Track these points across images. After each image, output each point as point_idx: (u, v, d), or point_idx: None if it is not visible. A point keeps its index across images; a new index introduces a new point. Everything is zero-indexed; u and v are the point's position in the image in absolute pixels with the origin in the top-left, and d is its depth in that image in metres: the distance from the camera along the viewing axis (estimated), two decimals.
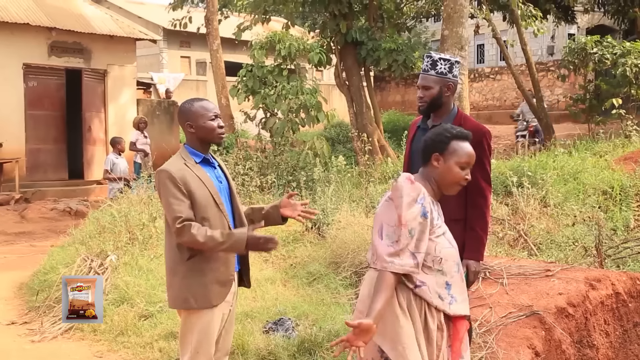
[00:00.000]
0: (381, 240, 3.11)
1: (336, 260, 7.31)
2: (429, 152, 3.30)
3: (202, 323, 3.65)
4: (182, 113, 3.77)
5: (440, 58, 4.14)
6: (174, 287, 3.67)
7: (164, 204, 3.62)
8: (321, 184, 9.65)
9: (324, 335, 5.25)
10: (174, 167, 3.63)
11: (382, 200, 3.25)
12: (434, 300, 3.18)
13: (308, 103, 13.85)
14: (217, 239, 3.54)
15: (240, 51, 19.50)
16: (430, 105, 4.17)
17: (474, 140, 4.05)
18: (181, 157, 3.71)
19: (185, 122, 3.74)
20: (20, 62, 15.94)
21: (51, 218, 13.90)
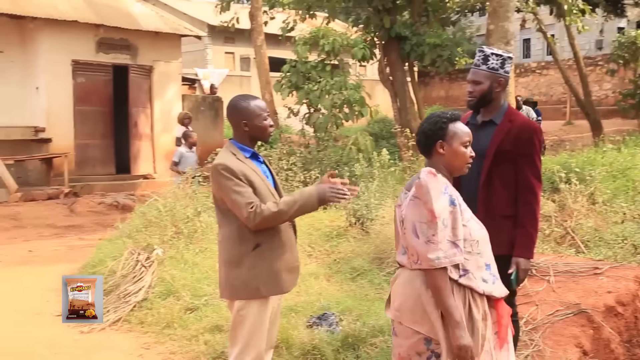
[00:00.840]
0: (418, 239, 3.09)
1: (380, 256, 7.30)
2: (431, 142, 3.30)
3: (255, 315, 3.69)
4: (237, 110, 3.79)
5: (492, 53, 4.08)
6: (240, 278, 3.68)
7: (227, 196, 3.61)
8: (364, 179, 9.63)
9: (368, 331, 5.25)
10: (230, 160, 3.66)
11: (406, 200, 3.22)
12: (480, 285, 3.17)
13: (351, 98, 13.84)
14: (289, 201, 3.59)
15: (284, 47, 19.54)
16: (480, 100, 4.11)
17: (525, 137, 4.02)
18: (231, 152, 3.74)
19: (241, 120, 3.77)
20: (69, 59, 16.23)
21: (99, 212, 14.14)
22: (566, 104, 27.69)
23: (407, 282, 3.22)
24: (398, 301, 3.27)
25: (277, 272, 3.70)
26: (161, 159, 17.94)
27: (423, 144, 3.34)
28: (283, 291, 3.75)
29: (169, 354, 5.60)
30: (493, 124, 4.10)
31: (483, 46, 4.26)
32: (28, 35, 15.95)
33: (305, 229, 8.54)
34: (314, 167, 11.33)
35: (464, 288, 3.15)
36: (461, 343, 3.02)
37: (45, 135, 15.93)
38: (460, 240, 3.11)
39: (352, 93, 13.91)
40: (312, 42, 15.19)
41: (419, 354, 3.18)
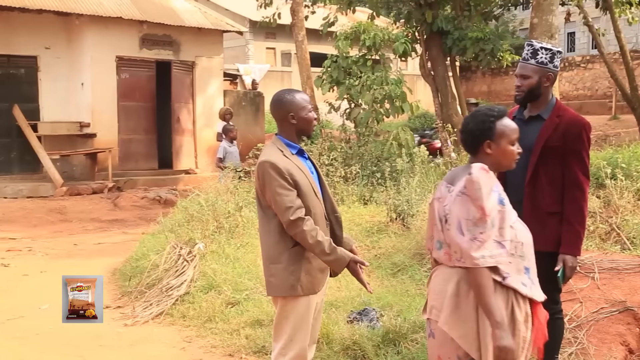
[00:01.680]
0: (462, 237, 3.03)
1: (421, 252, 7.26)
2: (478, 143, 3.23)
3: (300, 311, 3.70)
4: (283, 104, 3.78)
5: (542, 47, 4.02)
6: (277, 275, 3.69)
7: (272, 195, 3.61)
8: (405, 174, 9.59)
9: (409, 327, 5.22)
10: (277, 158, 3.66)
11: (450, 195, 3.16)
12: (522, 288, 3.12)
13: (392, 93, 13.76)
14: (324, 248, 3.60)
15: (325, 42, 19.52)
16: (528, 95, 4.05)
17: (573, 132, 3.94)
18: (277, 148, 3.73)
19: (288, 113, 3.76)
20: (113, 55, 16.45)
21: (142, 206, 14.32)
22: (612, 98, 27.20)
23: (445, 280, 3.17)
24: (435, 300, 3.22)
25: (311, 271, 3.71)
26: (203, 154, 18.09)
27: (470, 143, 3.28)
28: (315, 291, 3.74)
29: (210, 347, 5.66)
30: (540, 119, 4.05)
31: (532, 40, 4.19)
32: (74, 32, 16.21)
33: (346, 225, 8.51)
34: (354, 162, 11.30)
35: (507, 289, 3.09)
36: (502, 344, 2.95)
37: (90, 131, 16.18)
38: (507, 242, 3.06)
39: (393, 88, 13.83)
40: (353, 37, 15.14)
41: (459, 357, 3.12)
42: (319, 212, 3.75)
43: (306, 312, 3.73)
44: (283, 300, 3.72)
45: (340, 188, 10.03)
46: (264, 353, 5.32)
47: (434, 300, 3.22)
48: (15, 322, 6.44)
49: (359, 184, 10.49)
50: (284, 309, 3.73)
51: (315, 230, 3.59)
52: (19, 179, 15.38)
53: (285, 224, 3.59)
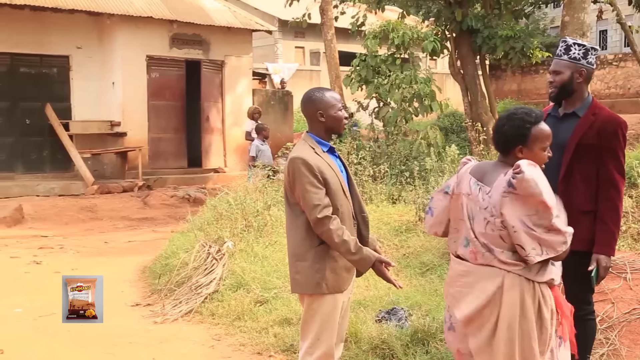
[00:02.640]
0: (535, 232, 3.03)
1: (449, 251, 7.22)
2: (511, 146, 3.23)
3: (326, 310, 3.70)
4: (313, 102, 3.81)
5: (575, 43, 4.00)
6: (303, 272, 3.70)
7: (301, 191, 3.63)
8: (434, 173, 9.54)
9: (438, 326, 5.20)
10: (309, 155, 3.68)
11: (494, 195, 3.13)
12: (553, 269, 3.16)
13: (421, 92, 13.72)
14: (349, 247, 3.59)
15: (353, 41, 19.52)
16: (560, 91, 4.02)
17: (609, 130, 3.90)
18: (309, 146, 3.75)
19: (317, 111, 3.78)
20: (143, 54, 16.58)
21: (171, 205, 14.42)
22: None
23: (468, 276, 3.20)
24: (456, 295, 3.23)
25: (337, 270, 3.71)
26: (231, 152, 18.17)
27: (502, 145, 3.28)
28: (341, 290, 3.74)
29: (239, 345, 5.68)
30: (576, 116, 4.01)
31: (566, 37, 4.16)
32: (105, 31, 16.37)
33: (374, 224, 8.51)
34: (383, 161, 11.26)
35: (534, 286, 3.10)
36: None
37: (121, 129, 16.33)
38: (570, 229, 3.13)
39: (422, 87, 13.79)
40: (382, 35, 15.12)
41: None
42: (347, 211, 3.75)
43: (333, 310, 3.73)
44: (309, 299, 3.73)
45: (368, 187, 10.01)
46: (292, 352, 5.33)
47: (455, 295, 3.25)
48: (47, 319, 6.52)
49: (387, 183, 10.45)
50: (310, 307, 3.73)
51: (342, 229, 3.59)
52: (51, 177, 15.57)
53: (312, 222, 3.60)
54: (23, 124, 15.61)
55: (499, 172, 3.15)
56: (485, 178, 3.20)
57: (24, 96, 15.63)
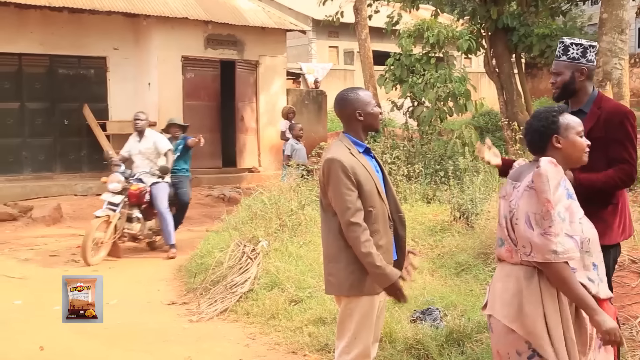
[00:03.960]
0: (532, 231, 2.99)
1: (485, 251, 7.19)
2: (546, 138, 3.20)
3: (363, 310, 3.70)
4: (350, 101, 3.81)
5: (572, 43, 4.05)
6: (338, 274, 3.71)
7: (334, 192, 3.64)
8: (469, 173, 9.49)
9: (473, 327, 5.18)
10: (344, 156, 3.67)
11: (517, 191, 3.13)
12: (589, 284, 3.08)
13: (456, 91, 13.64)
14: (373, 261, 3.59)
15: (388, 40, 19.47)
16: (563, 91, 4.09)
17: (615, 121, 3.93)
18: (345, 146, 3.74)
19: (355, 110, 3.79)
20: (179, 55, 16.71)
21: (206, 204, 14.53)
22: None
23: (507, 276, 3.16)
24: (496, 296, 3.20)
25: None
26: (266, 152, 18.23)
27: (537, 141, 3.24)
28: (376, 291, 3.72)
29: (273, 344, 5.71)
30: (582, 113, 4.03)
31: (563, 37, 4.20)
32: (141, 32, 16.54)
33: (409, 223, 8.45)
34: (417, 160, 11.24)
35: None
36: (606, 327, 2.93)
37: (157, 129, 16.46)
38: (577, 236, 3.02)
39: (457, 86, 13.71)
40: (416, 34, 15.06)
41: (519, 353, 3.09)
42: (382, 212, 3.74)
43: (369, 311, 3.73)
44: (346, 299, 3.73)
45: (403, 187, 9.99)
46: (327, 351, 5.34)
47: (494, 296, 3.22)
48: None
49: (422, 183, 10.43)
50: (347, 308, 3.73)
51: (370, 241, 3.59)
52: (89, 177, 15.76)
53: (343, 224, 3.62)
54: (61, 124, 15.82)
55: (533, 169, 3.13)
56: (520, 177, 3.19)
57: (62, 97, 15.85)
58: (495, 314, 3.16)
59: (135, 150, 9.72)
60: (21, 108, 15.48)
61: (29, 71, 15.50)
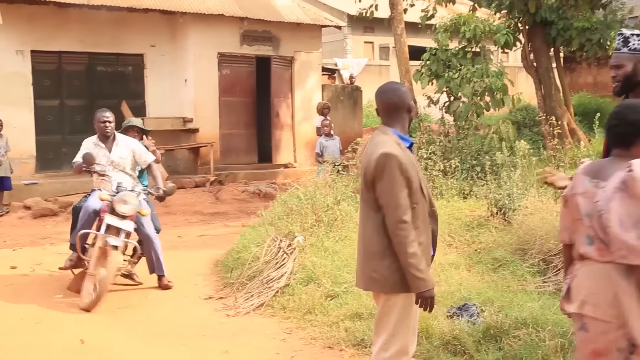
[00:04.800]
0: (628, 234, 2.97)
1: (523, 247, 7.12)
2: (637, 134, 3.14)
3: (403, 307, 3.70)
4: (403, 94, 3.77)
5: (632, 34, 3.92)
6: (382, 271, 3.66)
7: (386, 188, 3.58)
8: (506, 168, 9.40)
9: (511, 323, 5.13)
10: (400, 152, 3.63)
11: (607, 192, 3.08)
12: None
13: (493, 86, 13.51)
14: (417, 263, 3.57)
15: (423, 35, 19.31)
16: (625, 84, 3.96)
17: None
18: (395, 142, 3.69)
19: (407, 105, 3.76)
20: (215, 52, 16.82)
21: (242, 199, 14.61)
22: None
23: (597, 275, 3.14)
24: (589, 295, 3.18)
25: None
26: (301, 148, 18.27)
27: (629, 135, 3.19)
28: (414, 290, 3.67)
29: (310, 339, 5.72)
30: None
31: (622, 29, 4.07)
32: (178, 29, 16.68)
33: (445, 219, 8.45)
34: (453, 156, 11.15)
35: None
36: None
37: (193, 126, 16.62)
38: None
39: (494, 80, 13.57)
40: (453, 29, 14.94)
41: (619, 350, 3.09)
42: (424, 209, 3.74)
43: (409, 308, 3.72)
44: (386, 296, 3.71)
45: (439, 182, 9.93)
46: (363, 346, 5.34)
47: (587, 295, 3.19)
48: (124, 311, 6.71)
49: (458, 178, 10.35)
50: (386, 305, 3.72)
51: (416, 242, 3.57)
52: None
53: (393, 221, 3.56)
54: None
55: (617, 167, 3.10)
56: (600, 174, 3.15)
57: (100, 94, 16.06)
58: (590, 313, 3.15)
59: (103, 160, 7.40)
60: (61, 105, 15.73)
61: (69, 69, 15.75)
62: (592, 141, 14.31)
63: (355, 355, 5.30)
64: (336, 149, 11.83)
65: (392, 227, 3.56)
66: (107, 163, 7.42)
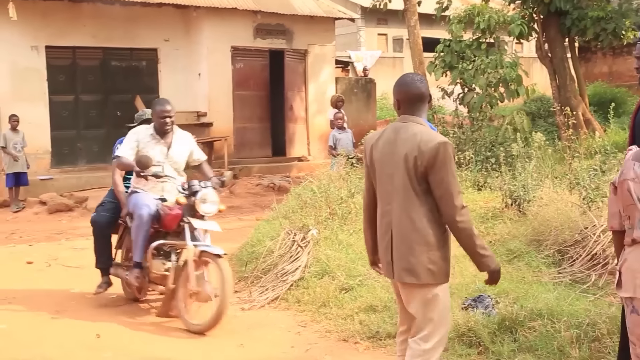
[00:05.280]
0: None
1: (538, 238, 7.09)
2: None
3: (446, 297, 3.73)
4: (426, 84, 3.77)
5: None
6: (439, 262, 3.62)
7: (447, 177, 3.53)
8: (521, 159, 9.36)
9: (526, 314, 5.12)
10: None
11: None
12: None
13: (507, 77, 13.44)
14: (484, 244, 3.64)
15: (437, 26, 19.25)
16: None
17: None
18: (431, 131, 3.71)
19: (427, 96, 3.76)
20: (228, 45, 16.83)
21: (256, 193, 14.62)
22: None
23: None
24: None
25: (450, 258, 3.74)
26: (315, 141, 18.27)
27: None
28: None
29: (324, 332, 5.73)
30: None
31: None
32: (191, 23, 16.70)
33: None
34: (468, 147, 11.11)
35: None
36: None
37: (207, 120, 16.65)
38: None
39: (508, 71, 13.51)
40: (466, 20, 14.87)
41: None
42: None
43: (448, 297, 3.78)
44: (430, 287, 3.64)
45: None
46: (378, 338, 5.35)
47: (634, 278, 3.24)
48: (132, 305, 6.75)
49: (472, 170, 10.31)
50: (431, 295, 3.66)
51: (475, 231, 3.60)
52: None
53: (456, 209, 3.53)
54: (114, 116, 16.08)
55: None
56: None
57: (115, 89, 16.13)
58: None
59: (160, 157, 6.48)
60: (75, 100, 15.81)
61: (83, 64, 15.82)
62: (608, 131, 14.22)
63: (370, 347, 5.31)
64: (349, 141, 11.80)
65: (454, 215, 3.53)
66: (164, 160, 6.44)
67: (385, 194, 3.73)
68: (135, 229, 6.17)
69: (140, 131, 6.55)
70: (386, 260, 3.76)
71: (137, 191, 6.42)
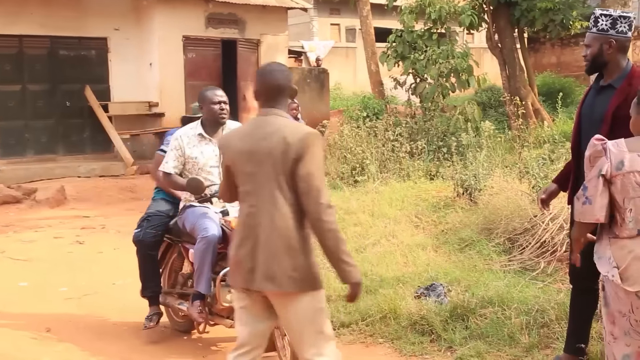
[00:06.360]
0: None
1: (489, 227, 7.20)
2: None
3: (324, 302, 3.35)
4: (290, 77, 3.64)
5: (602, 14, 3.95)
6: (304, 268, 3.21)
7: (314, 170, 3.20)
8: (472, 149, 9.48)
9: (477, 302, 5.20)
10: None
11: None
12: None
13: (459, 67, 13.60)
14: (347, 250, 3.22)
15: (389, 17, 19.34)
16: (592, 64, 4.02)
17: None
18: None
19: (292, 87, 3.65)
20: (180, 35, 16.64)
21: None
22: None
23: None
24: None
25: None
26: None
27: None
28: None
29: None
30: (612, 88, 3.96)
31: (596, 8, 4.11)
32: (142, 12, 16.46)
33: (412, 200, 8.51)
34: (420, 137, 11.23)
35: None
36: None
37: (159, 110, 16.46)
38: None
39: (460, 62, 13.67)
40: (418, 10, 14.98)
41: None
42: None
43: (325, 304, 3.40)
44: (311, 294, 3.25)
45: (406, 163, 9.99)
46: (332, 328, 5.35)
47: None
48: (90, 297, 6.66)
49: (425, 159, 10.42)
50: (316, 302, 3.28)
51: (339, 230, 3.21)
52: (92, 158, 15.78)
53: (322, 207, 3.13)
54: (63, 106, 15.79)
55: None
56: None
57: (63, 78, 15.81)
58: None
59: (212, 161, 5.40)
60: (22, 90, 15.45)
61: (30, 53, 15.45)
62: (556, 120, 14.49)
63: None
64: None
65: (319, 214, 3.13)
66: (217, 164, 5.24)
67: (246, 195, 3.31)
68: (200, 254, 4.94)
69: (182, 134, 5.51)
70: (247, 267, 3.24)
71: (194, 205, 5.28)
